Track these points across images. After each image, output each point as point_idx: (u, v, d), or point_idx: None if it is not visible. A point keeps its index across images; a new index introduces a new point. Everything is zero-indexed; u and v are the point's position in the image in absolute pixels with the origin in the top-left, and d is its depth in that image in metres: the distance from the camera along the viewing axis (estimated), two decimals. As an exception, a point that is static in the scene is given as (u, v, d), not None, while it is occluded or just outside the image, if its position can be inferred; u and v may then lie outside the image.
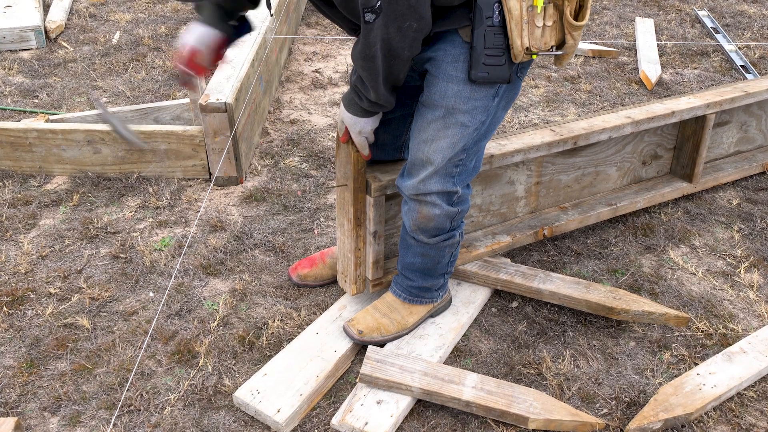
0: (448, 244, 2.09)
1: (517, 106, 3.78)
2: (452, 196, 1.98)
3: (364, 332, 2.14)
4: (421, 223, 2.01)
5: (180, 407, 2.02)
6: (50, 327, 2.29)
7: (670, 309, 2.26)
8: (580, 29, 1.80)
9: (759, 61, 4.36)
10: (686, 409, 1.97)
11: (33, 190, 3.00)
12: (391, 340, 2.17)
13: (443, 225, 2.02)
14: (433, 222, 2.00)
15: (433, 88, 1.87)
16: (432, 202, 1.96)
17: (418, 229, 2.03)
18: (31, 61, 4.19)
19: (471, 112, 1.85)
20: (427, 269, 2.13)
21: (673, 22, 4.98)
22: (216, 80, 3.06)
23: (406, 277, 2.17)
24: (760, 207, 2.94)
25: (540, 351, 2.23)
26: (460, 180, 1.97)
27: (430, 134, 1.89)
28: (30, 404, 2.04)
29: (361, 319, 2.18)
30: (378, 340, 2.15)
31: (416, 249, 2.09)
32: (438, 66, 1.84)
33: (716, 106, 2.73)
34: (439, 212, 1.98)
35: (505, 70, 1.79)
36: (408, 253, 2.12)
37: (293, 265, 2.49)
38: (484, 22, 1.73)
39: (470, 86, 1.82)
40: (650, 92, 3.95)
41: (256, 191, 3.00)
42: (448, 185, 1.95)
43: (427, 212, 1.98)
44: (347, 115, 1.92)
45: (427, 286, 2.18)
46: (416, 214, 2.00)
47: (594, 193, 2.77)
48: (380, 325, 2.16)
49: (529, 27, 1.74)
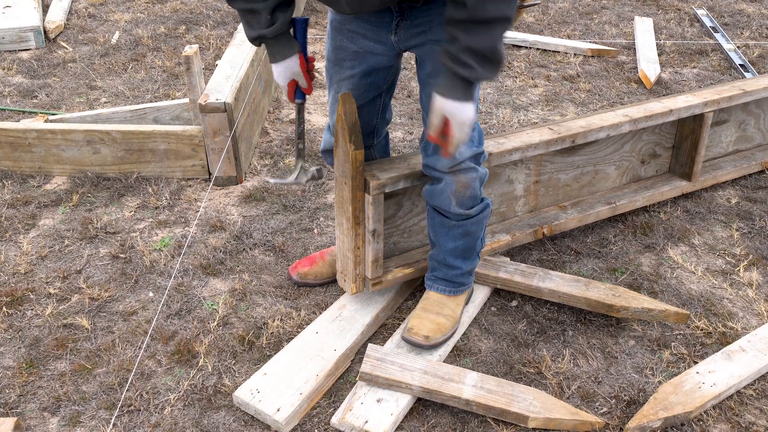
0: (485, 215, 2.13)
1: (517, 106, 3.78)
2: (479, 157, 2.02)
3: (430, 337, 2.14)
4: (460, 193, 2.02)
5: (180, 407, 2.02)
6: (50, 327, 2.29)
7: (669, 306, 2.27)
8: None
9: (758, 60, 4.36)
10: (686, 407, 1.97)
11: (32, 190, 3.00)
12: (450, 336, 2.19)
13: (476, 191, 2.05)
14: (470, 189, 2.02)
15: (433, 55, 1.85)
16: (468, 167, 1.99)
17: (458, 203, 2.04)
18: (31, 61, 4.19)
19: None
20: (469, 249, 2.15)
21: (672, 21, 4.99)
22: (215, 80, 3.06)
23: (451, 267, 2.18)
24: (759, 205, 2.94)
25: (540, 350, 2.23)
26: (478, 140, 2.01)
27: None
28: (30, 404, 2.04)
29: (419, 325, 2.16)
30: (442, 339, 2.16)
31: (458, 230, 2.10)
32: (431, 34, 1.84)
33: (714, 104, 2.73)
34: (475, 175, 2.01)
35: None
36: (449, 239, 2.13)
37: (293, 265, 2.49)
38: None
39: None
40: (649, 91, 3.95)
41: (256, 191, 3.00)
42: (474, 147, 1.99)
43: (465, 179, 2.00)
44: None
45: (468, 270, 2.21)
46: (455, 185, 2.01)
47: (593, 192, 2.78)
48: (439, 325, 2.17)
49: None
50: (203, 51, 4.34)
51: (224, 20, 4.80)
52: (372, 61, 2.01)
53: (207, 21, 4.78)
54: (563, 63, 4.31)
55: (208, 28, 4.67)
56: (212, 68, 4.05)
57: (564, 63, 4.31)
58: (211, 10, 4.97)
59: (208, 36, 4.54)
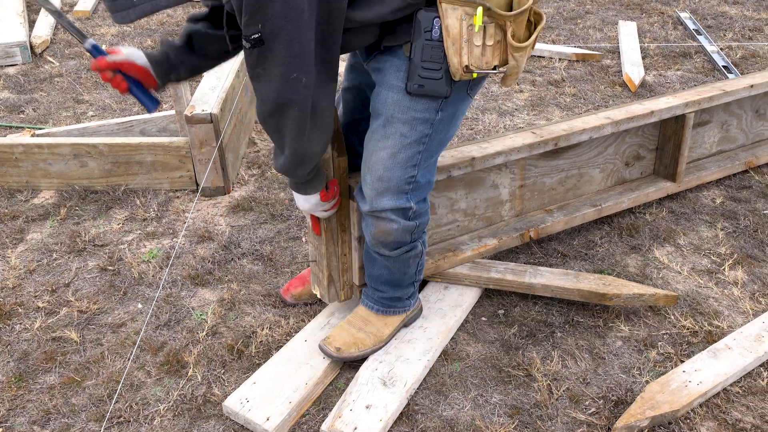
0: (412, 255, 2.08)
1: (503, 111, 3.81)
2: (407, 212, 1.97)
3: (341, 349, 2.13)
4: (379, 237, 2.00)
5: (169, 417, 2.03)
6: (39, 341, 2.29)
7: (658, 290, 2.34)
8: (524, 51, 1.75)
9: (741, 61, 4.41)
10: (673, 406, 1.99)
11: (20, 204, 3.01)
12: (369, 354, 2.16)
13: (403, 238, 2.01)
14: (392, 236, 1.99)
15: (377, 97, 1.88)
16: (388, 218, 1.96)
17: (379, 243, 2.03)
18: (17, 76, 4.20)
19: (410, 122, 1.84)
20: (394, 280, 2.13)
21: (656, 24, 5.03)
22: (201, 91, 3.07)
23: (376, 290, 2.17)
24: (744, 205, 2.97)
25: (529, 352, 2.24)
26: (413, 196, 1.96)
27: (372, 145, 1.91)
28: (19, 418, 2.03)
29: (336, 336, 2.16)
30: (356, 355, 2.14)
31: (381, 262, 2.09)
32: (383, 75, 1.85)
33: (695, 105, 2.76)
34: (397, 227, 1.97)
35: (443, 85, 1.78)
36: (374, 266, 2.12)
37: (284, 287, 2.46)
38: (422, 35, 1.73)
39: (409, 97, 1.82)
40: (634, 94, 3.99)
41: (244, 201, 3.01)
42: (401, 202, 1.94)
43: (384, 227, 1.98)
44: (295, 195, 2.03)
45: (398, 296, 2.17)
46: (374, 229, 2.00)
47: (579, 195, 2.80)
48: (357, 339, 2.15)
49: (469, 45, 1.72)
50: (190, 63, 4.35)
51: (211, 32, 4.81)
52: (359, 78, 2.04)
53: (193, 33, 4.79)
54: (548, 68, 4.35)
55: (195, 40, 4.68)
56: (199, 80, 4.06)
57: (549, 68, 4.35)
58: (197, 22, 4.98)
59: (194, 48, 4.55)
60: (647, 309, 2.41)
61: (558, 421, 2.02)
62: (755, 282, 2.55)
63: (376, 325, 2.19)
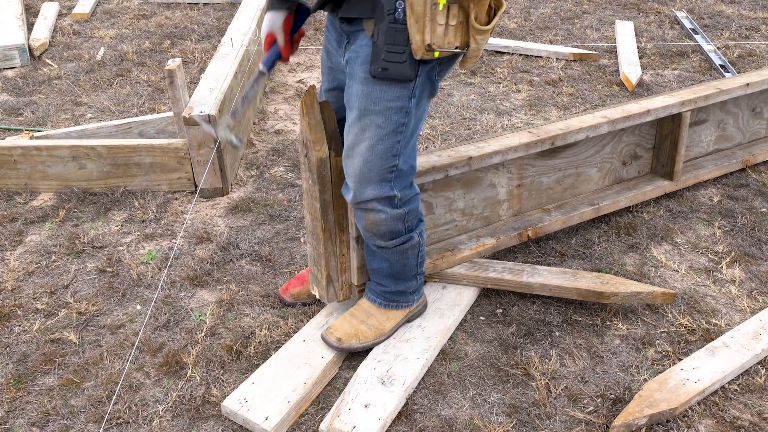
0: (409, 246, 2.09)
1: (500, 110, 3.82)
2: (393, 200, 1.98)
3: (342, 339, 2.15)
4: (371, 228, 2.02)
5: (168, 418, 2.03)
6: (38, 342, 2.29)
7: (656, 288, 2.34)
8: (485, 34, 1.78)
9: (737, 60, 4.41)
10: (671, 404, 1.99)
11: (19, 207, 3.01)
12: (370, 347, 2.17)
13: (395, 227, 2.02)
14: (383, 226, 2.00)
15: (349, 90, 1.89)
16: (374, 208, 1.97)
17: (373, 235, 2.04)
18: (16, 79, 4.20)
19: (384, 113, 1.85)
20: (395, 273, 2.14)
21: (653, 24, 5.04)
22: (199, 93, 3.08)
23: (379, 283, 2.18)
24: (741, 203, 2.97)
25: (527, 351, 2.25)
26: (397, 184, 1.97)
27: (351, 138, 1.92)
28: (18, 420, 2.04)
29: (339, 327, 2.18)
30: (357, 346, 2.15)
31: (379, 255, 2.10)
32: (352, 67, 1.86)
33: (691, 103, 2.77)
34: (385, 216, 1.98)
35: (407, 68, 1.79)
36: (373, 259, 2.14)
37: (283, 287, 2.47)
38: (386, 18, 1.74)
39: (379, 86, 1.82)
40: (631, 94, 3.99)
41: (242, 202, 3.01)
42: (385, 190, 1.95)
43: (373, 218, 1.99)
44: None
45: (401, 290, 2.19)
46: (364, 221, 2.01)
47: (576, 194, 2.80)
48: (358, 331, 2.17)
49: (432, 24, 1.73)
50: (188, 65, 4.36)
51: (209, 34, 4.83)
52: (341, 78, 2.03)
53: (191, 35, 4.81)
54: (546, 68, 4.35)
55: (193, 42, 4.69)
56: (197, 82, 4.07)
57: (546, 68, 4.35)
58: (195, 24, 4.99)
59: (192, 50, 4.56)
60: (645, 307, 2.42)
61: (556, 419, 2.02)
62: (753, 280, 2.55)
63: (378, 318, 2.20)
